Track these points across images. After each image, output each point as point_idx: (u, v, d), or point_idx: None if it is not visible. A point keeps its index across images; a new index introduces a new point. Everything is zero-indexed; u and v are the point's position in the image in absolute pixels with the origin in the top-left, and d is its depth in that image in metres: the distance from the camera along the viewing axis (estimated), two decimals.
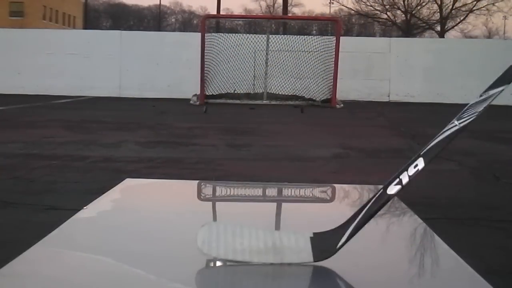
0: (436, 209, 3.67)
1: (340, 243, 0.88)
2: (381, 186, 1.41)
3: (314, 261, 0.86)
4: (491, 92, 0.90)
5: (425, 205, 3.63)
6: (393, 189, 0.91)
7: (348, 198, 1.40)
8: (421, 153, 0.92)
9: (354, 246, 0.99)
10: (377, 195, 0.91)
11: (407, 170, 0.91)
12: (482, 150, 6.68)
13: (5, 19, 52.23)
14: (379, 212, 1.27)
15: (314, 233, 0.90)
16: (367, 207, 0.91)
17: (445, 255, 0.94)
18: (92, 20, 65.40)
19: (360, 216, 0.90)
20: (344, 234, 0.89)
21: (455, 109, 0.94)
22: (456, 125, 0.91)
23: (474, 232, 3.28)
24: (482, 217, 3.61)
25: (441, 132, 0.92)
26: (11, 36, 16.51)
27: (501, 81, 0.90)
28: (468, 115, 0.91)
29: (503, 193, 4.39)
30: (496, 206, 3.93)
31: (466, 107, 0.91)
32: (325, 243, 0.88)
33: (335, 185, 1.48)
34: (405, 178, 0.91)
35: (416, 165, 0.91)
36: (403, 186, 0.90)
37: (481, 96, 0.91)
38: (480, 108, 0.90)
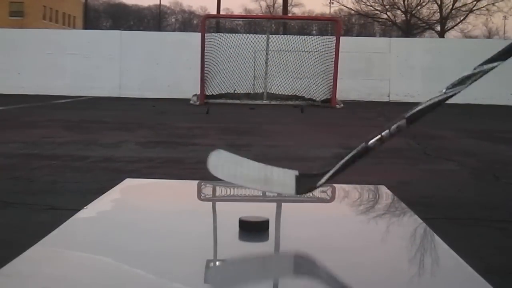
0: (436, 209, 3.67)
1: (320, 183, 1.00)
2: (381, 186, 1.42)
3: (296, 194, 1.00)
4: (485, 67, 0.93)
5: (425, 205, 3.64)
6: (374, 143, 0.98)
7: (348, 198, 1.40)
8: (406, 116, 0.97)
9: (354, 245, 0.99)
10: (359, 148, 0.99)
11: (389, 129, 0.98)
12: (482, 150, 6.68)
13: (5, 19, 52.23)
14: (379, 212, 1.27)
15: (300, 173, 1.03)
16: (348, 156, 0.99)
17: (445, 255, 0.94)
18: (92, 20, 65.40)
19: (341, 163, 0.99)
20: (324, 175, 1.00)
21: (455, 109, 0.95)
22: (444, 94, 0.94)
23: (474, 232, 3.28)
24: (482, 217, 3.61)
25: (429, 99, 0.96)
26: (11, 36, 16.52)
27: (496, 57, 0.92)
28: (458, 86, 0.94)
29: (503, 193, 4.39)
30: (496, 206, 3.93)
31: (459, 78, 0.94)
32: (307, 181, 1.00)
33: (335, 185, 1.48)
34: (386, 136, 0.98)
35: (399, 126, 0.97)
36: (383, 142, 0.98)
37: (474, 69, 0.94)
38: (470, 80, 0.93)
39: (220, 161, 1.05)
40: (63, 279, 0.80)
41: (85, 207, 1.15)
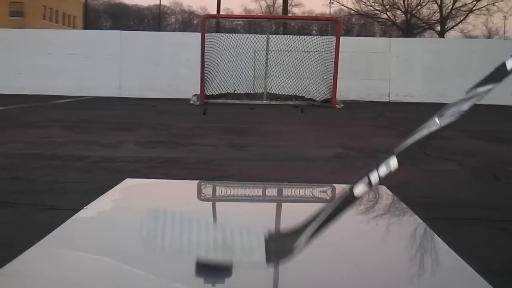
0: (436, 209, 3.67)
1: (297, 243, 0.80)
2: (381, 186, 1.42)
3: (267, 262, 0.79)
4: (479, 90, 0.83)
5: (424, 205, 3.64)
6: (361, 190, 0.82)
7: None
8: (395, 152, 0.83)
9: (354, 245, 0.99)
10: (342, 195, 0.82)
11: (377, 170, 0.82)
12: (482, 150, 6.67)
13: (5, 19, 52.21)
14: (379, 212, 1.27)
15: (270, 232, 0.83)
16: (331, 207, 0.82)
17: (445, 255, 0.94)
18: (92, 20, 65.41)
19: (322, 216, 0.82)
20: (302, 234, 0.81)
21: None
22: (437, 123, 0.83)
23: (474, 232, 3.27)
24: (482, 217, 3.61)
25: (419, 129, 0.83)
26: (11, 36, 16.52)
27: (489, 80, 0.83)
28: (451, 114, 0.83)
29: (503, 193, 4.39)
30: (496, 206, 3.93)
31: (450, 104, 0.84)
32: (281, 243, 0.81)
33: (335, 185, 1.47)
34: (375, 179, 0.82)
35: (389, 165, 0.83)
36: (371, 187, 0.82)
37: (467, 93, 0.84)
38: (465, 106, 0.83)
39: (159, 225, 0.82)
40: (63, 279, 0.80)
41: (85, 207, 1.15)
